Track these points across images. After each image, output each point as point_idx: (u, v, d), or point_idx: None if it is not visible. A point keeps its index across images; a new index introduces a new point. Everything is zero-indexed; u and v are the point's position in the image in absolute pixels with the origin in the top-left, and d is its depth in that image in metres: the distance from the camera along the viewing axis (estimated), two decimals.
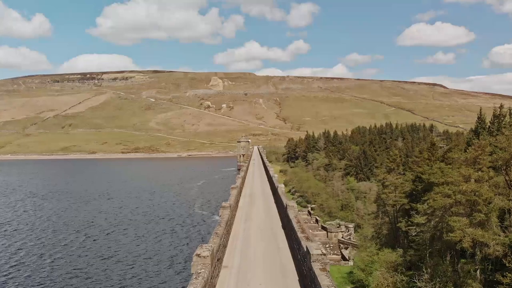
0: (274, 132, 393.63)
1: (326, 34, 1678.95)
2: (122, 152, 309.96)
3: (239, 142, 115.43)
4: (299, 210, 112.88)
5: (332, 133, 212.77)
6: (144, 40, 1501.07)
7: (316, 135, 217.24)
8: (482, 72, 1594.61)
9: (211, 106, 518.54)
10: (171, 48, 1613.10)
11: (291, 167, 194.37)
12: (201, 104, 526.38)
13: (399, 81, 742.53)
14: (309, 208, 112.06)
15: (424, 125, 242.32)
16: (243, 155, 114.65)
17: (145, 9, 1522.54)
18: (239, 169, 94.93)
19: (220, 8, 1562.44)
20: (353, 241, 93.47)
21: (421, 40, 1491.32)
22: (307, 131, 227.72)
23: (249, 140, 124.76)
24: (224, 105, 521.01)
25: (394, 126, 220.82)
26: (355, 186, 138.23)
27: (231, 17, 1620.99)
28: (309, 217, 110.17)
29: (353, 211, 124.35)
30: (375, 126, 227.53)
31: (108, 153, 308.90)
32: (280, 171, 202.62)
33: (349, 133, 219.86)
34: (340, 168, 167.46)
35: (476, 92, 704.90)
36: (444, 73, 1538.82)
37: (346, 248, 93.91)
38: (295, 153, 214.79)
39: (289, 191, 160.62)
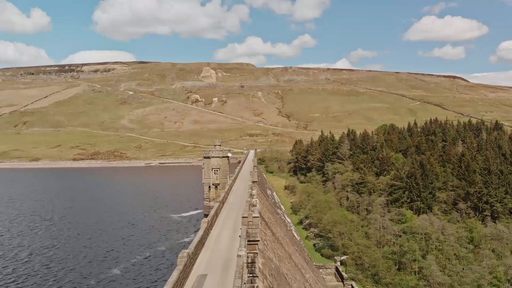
0: (275, 132, 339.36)
1: (333, 28, 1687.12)
2: (74, 159, 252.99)
3: (208, 158, 58.48)
4: (320, 266, 56.44)
5: (359, 133, 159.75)
6: (145, 35, 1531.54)
7: (336, 137, 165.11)
8: (489, 68, 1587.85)
9: (199, 100, 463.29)
10: (170, 43, 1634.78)
11: (300, 182, 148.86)
12: (188, 97, 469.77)
13: (415, 73, 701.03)
14: (338, 263, 75.34)
15: (482, 122, 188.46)
16: (216, 185, 57.84)
17: (145, 1, 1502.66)
18: (206, 215, 30.59)
19: (222, 0, 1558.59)
20: None
21: (430, 34, 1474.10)
22: (321, 131, 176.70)
23: (229, 154, 65.47)
24: (215, 99, 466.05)
25: (438, 122, 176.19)
26: (415, 225, 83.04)
27: (234, 7, 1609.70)
28: (341, 282, 66.12)
29: (422, 277, 69.53)
30: (415, 124, 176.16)
31: (56, 160, 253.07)
32: (285, 187, 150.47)
33: (371, 131, 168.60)
34: (381, 190, 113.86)
35: (502, 87, 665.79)
36: (451, 70, 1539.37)
37: None
38: (306, 162, 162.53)
39: (300, 222, 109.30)
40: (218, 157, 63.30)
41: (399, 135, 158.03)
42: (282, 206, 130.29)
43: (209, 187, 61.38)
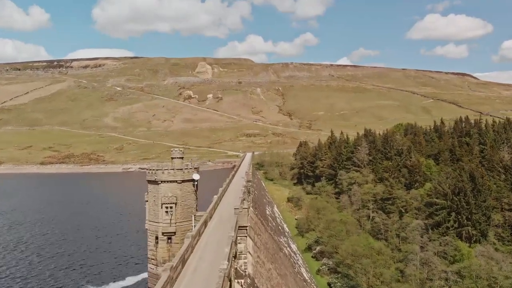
0: (276, 132, 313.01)
1: (336, 26, 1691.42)
2: (42, 163, 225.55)
3: (155, 183, 30.77)
4: None
5: (378, 134, 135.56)
6: (145, 33, 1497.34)
7: (350, 138, 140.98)
8: (491, 68, 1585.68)
9: (192, 96, 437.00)
10: (171, 41, 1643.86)
11: (307, 193, 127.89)
12: (180, 94, 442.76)
13: (423, 70, 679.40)
14: None
15: None
16: (170, 236, 29.50)
17: None
18: None
19: None
20: None
21: (433, 32, 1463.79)
22: (331, 131, 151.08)
23: (196, 177, 36.75)
24: (210, 96, 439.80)
25: (469, 121, 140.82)
26: (476, 265, 62.65)
27: (234, 4, 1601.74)
28: None
29: None
30: (442, 123, 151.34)
31: (22, 164, 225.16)
32: (289, 199, 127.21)
33: (386, 131, 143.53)
34: (416, 209, 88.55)
35: None
36: (453, 68, 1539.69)
37: None
38: (314, 169, 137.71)
39: (308, 247, 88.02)
40: (174, 181, 34.82)
41: (424, 137, 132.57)
42: (285, 226, 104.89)
43: (157, 237, 32.88)
